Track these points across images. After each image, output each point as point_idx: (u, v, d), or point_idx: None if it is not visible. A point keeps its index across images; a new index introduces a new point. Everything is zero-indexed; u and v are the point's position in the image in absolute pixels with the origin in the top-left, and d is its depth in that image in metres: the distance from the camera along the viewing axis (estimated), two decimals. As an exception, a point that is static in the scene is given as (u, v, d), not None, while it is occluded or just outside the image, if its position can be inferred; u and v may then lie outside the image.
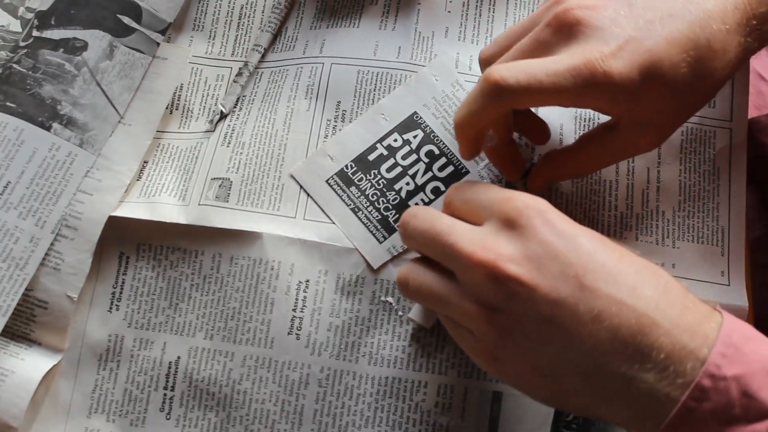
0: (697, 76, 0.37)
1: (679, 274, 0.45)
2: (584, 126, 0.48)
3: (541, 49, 0.38)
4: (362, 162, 0.48)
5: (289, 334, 0.46)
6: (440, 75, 0.50)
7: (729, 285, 0.45)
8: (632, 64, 0.36)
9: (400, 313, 0.46)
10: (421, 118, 0.49)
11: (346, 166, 0.48)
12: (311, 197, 0.47)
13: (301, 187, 0.48)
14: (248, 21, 0.54)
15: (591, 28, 0.37)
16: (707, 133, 0.48)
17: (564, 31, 0.38)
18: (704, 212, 0.47)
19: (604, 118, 0.48)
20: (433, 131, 0.48)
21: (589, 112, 0.49)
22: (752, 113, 0.51)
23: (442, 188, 0.47)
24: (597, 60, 0.36)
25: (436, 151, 0.48)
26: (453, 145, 0.48)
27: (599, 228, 0.46)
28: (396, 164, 0.48)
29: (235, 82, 0.52)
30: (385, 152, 0.48)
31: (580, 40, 0.37)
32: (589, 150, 0.42)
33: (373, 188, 0.47)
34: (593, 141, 0.42)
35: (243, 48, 0.54)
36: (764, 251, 0.57)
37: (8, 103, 0.48)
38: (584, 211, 0.47)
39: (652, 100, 0.37)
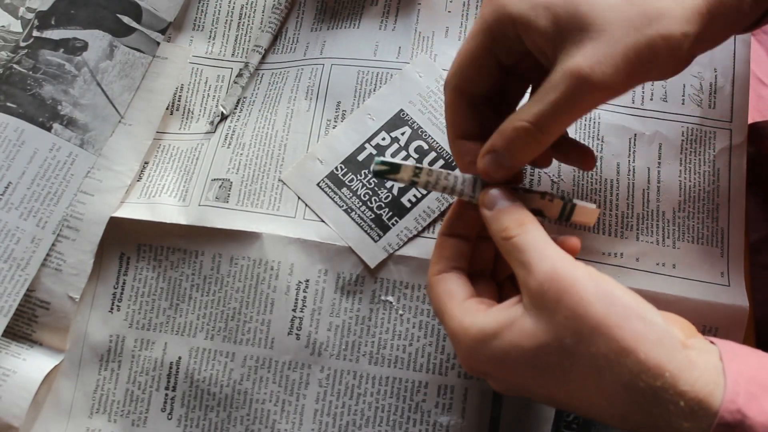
0: None
1: (679, 274, 0.45)
2: (584, 126, 0.48)
3: None
4: (352, 163, 0.48)
5: (289, 334, 0.46)
6: (423, 71, 0.50)
7: (729, 286, 0.45)
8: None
9: (400, 312, 0.46)
10: (407, 115, 0.49)
11: (336, 168, 0.48)
12: (304, 201, 0.47)
13: (292, 191, 0.48)
14: (248, 21, 0.54)
15: None
16: (707, 133, 0.48)
17: None
18: (704, 213, 0.47)
19: (605, 122, 0.48)
20: (420, 127, 0.48)
21: (591, 112, 0.48)
22: (753, 117, 0.51)
23: None
24: None
25: (425, 147, 0.48)
26: (441, 140, 0.48)
27: (601, 227, 0.46)
28: None
29: (235, 83, 0.52)
30: (375, 151, 0.48)
31: None
32: (530, 101, 0.36)
33: (365, 188, 0.47)
34: (535, 92, 0.37)
35: (243, 48, 0.54)
36: (767, 252, 0.57)
37: (9, 104, 0.48)
38: (585, 210, 0.47)
39: (573, 17, 0.35)
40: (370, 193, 0.47)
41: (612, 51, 0.34)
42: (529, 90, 0.42)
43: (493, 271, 0.41)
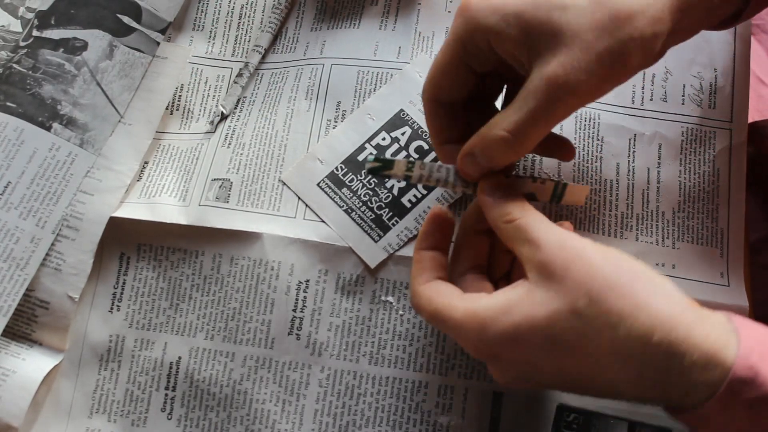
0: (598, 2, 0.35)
1: (679, 274, 0.45)
2: (584, 126, 0.48)
3: None
4: (352, 163, 0.48)
5: (289, 334, 0.46)
6: (423, 71, 0.49)
7: (728, 286, 0.45)
8: None
9: (400, 312, 0.46)
10: (407, 114, 0.49)
11: (336, 168, 0.48)
12: (304, 201, 0.47)
13: (292, 191, 0.48)
14: (248, 21, 0.54)
15: None
16: (707, 133, 0.48)
17: None
18: (704, 213, 0.47)
19: (605, 122, 0.48)
20: (420, 127, 0.48)
21: (589, 112, 0.48)
22: (753, 117, 0.51)
23: None
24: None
25: (426, 147, 0.48)
26: None
27: (600, 227, 0.46)
28: None
29: (235, 83, 0.52)
30: (375, 151, 0.48)
31: None
32: (508, 109, 0.37)
33: (365, 188, 0.47)
34: (512, 100, 0.37)
35: (243, 48, 0.54)
36: (767, 252, 0.57)
37: (8, 103, 0.47)
38: (585, 210, 0.47)
39: (543, 24, 0.35)
40: (371, 193, 0.47)
41: (586, 56, 0.34)
42: (505, 88, 0.42)
43: (489, 270, 0.41)
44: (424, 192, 0.47)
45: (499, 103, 0.43)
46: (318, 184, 0.48)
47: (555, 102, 0.35)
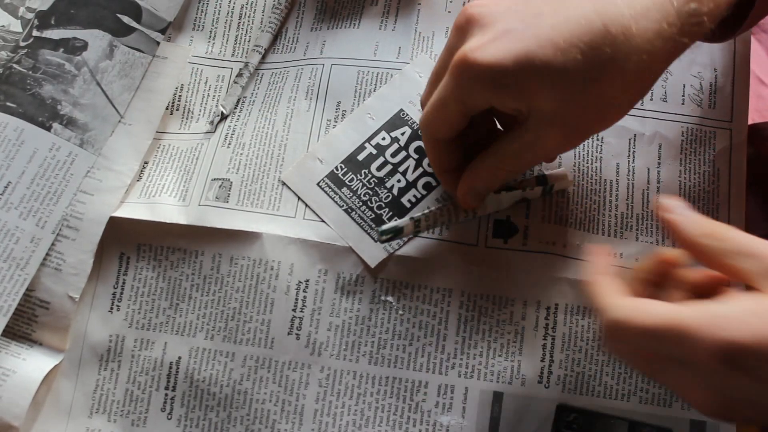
0: (594, 64, 0.34)
1: (679, 274, 0.45)
2: (584, 126, 0.48)
3: (448, 55, 0.39)
4: (352, 162, 0.48)
5: (289, 334, 0.46)
6: (423, 71, 0.50)
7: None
8: (505, 52, 0.35)
9: (400, 312, 0.46)
10: (407, 114, 0.49)
11: (336, 168, 0.48)
12: (304, 201, 0.47)
13: (292, 191, 0.48)
14: (248, 21, 0.54)
15: (479, 24, 0.37)
16: (707, 133, 0.48)
17: (462, 31, 0.38)
18: (704, 213, 0.46)
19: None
20: None
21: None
22: (753, 117, 0.51)
23: (433, 183, 0.47)
24: (466, 51, 0.36)
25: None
26: None
27: (600, 228, 0.46)
28: (386, 162, 0.48)
29: (235, 83, 0.52)
30: (374, 151, 0.48)
31: (467, 38, 0.37)
32: (505, 149, 0.39)
33: (365, 188, 0.47)
34: (508, 139, 0.39)
35: (243, 48, 0.54)
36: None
37: (8, 103, 0.48)
38: (585, 210, 0.47)
39: (541, 90, 0.35)
40: (370, 192, 0.47)
41: (585, 121, 0.37)
42: None
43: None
44: (424, 192, 0.47)
45: None
46: (318, 184, 0.48)
47: (551, 150, 0.40)
